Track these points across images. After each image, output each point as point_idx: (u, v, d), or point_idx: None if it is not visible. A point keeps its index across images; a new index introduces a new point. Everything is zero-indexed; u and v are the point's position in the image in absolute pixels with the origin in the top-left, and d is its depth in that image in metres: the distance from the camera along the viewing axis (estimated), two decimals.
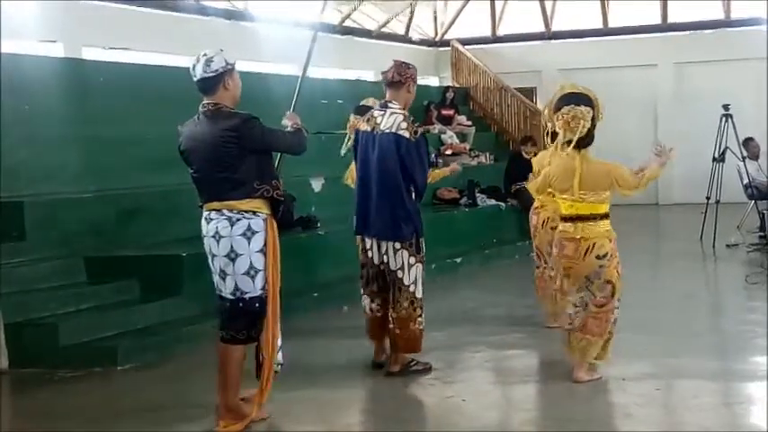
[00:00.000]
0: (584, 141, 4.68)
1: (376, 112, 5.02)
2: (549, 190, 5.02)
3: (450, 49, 15.90)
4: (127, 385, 5.16)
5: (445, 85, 15.37)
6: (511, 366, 5.43)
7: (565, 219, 4.80)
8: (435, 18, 17.02)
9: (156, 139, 8.23)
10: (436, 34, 17.15)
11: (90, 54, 10.74)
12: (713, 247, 9.78)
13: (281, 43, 12.74)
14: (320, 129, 9.08)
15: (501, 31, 16.83)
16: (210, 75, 4.14)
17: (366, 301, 5.15)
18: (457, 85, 15.34)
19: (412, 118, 5.00)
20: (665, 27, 15.77)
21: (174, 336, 5.86)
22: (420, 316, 4.94)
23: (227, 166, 4.03)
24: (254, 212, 4.07)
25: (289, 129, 4.41)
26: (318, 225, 7.94)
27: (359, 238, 5.10)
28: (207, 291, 6.34)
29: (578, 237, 4.68)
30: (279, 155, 4.44)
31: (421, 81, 6.65)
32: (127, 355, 5.46)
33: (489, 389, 5.02)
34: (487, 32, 16.79)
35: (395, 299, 4.92)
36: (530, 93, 15.78)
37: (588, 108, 4.65)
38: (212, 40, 12.18)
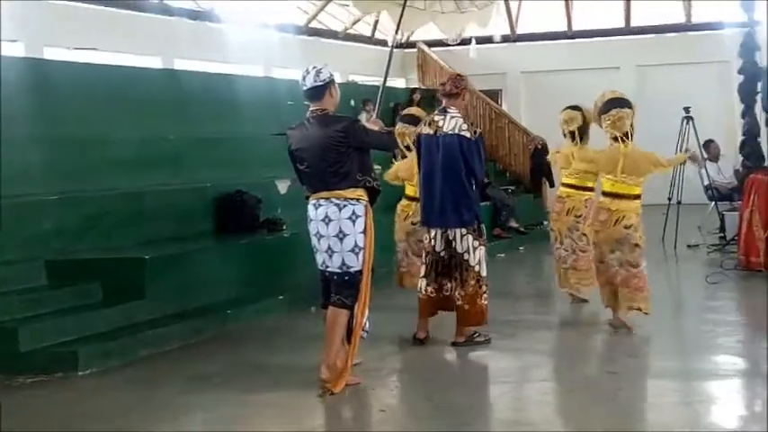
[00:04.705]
0: (626, 136, 5.87)
1: (437, 117, 5.65)
2: (573, 181, 6.85)
3: (416, 50, 15.94)
4: (89, 390, 5.08)
5: (412, 86, 15.41)
6: (485, 368, 5.46)
7: (605, 194, 5.97)
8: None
9: (120, 141, 8.16)
10: (402, 36, 17.18)
11: (52, 54, 10.58)
12: (675, 247, 9.93)
13: (248, 45, 12.71)
14: (286, 130, 9.05)
15: (466, 34, 16.90)
16: (320, 84, 4.80)
17: (423, 283, 5.71)
18: (423, 87, 15.38)
19: (471, 121, 5.84)
20: (627, 30, 15.99)
21: (138, 339, 5.79)
22: (485, 292, 5.58)
23: (334, 162, 4.72)
24: (358, 200, 4.76)
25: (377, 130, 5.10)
26: (284, 227, 7.91)
27: (424, 228, 5.74)
28: (170, 293, 6.36)
29: (613, 209, 5.86)
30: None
31: (388, 83, 6.75)
32: (88, 360, 5.37)
33: (462, 390, 5.03)
34: (452, 34, 16.86)
35: (462, 279, 5.54)
36: (495, 95, 15.90)
37: (630, 110, 5.90)
38: (178, 40, 12.18)
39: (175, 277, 6.44)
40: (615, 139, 5.90)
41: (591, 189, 6.88)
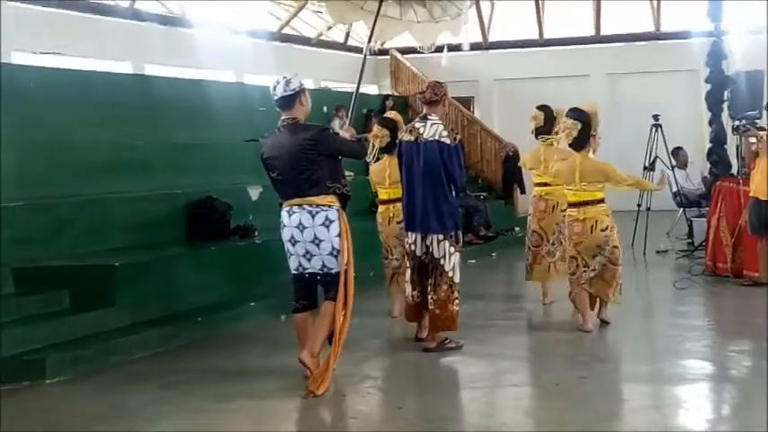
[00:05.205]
0: (577, 145, 6.09)
1: (417, 124, 5.73)
2: (547, 179, 6.89)
3: (389, 57, 15.98)
4: (58, 398, 5.02)
5: (384, 93, 15.43)
6: (458, 373, 5.47)
7: (571, 205, 6.16)
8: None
9: (88, 146, 8.07)
10: (376, 44, 17.19)
11: (20, 58, 10.44)
12: (644, 253, 10.05)
13: (219, 50, 12.65)
14: (258, 136, 9.00)
15: (438, 42, 16.97)
16: (290, 93, 4.92)
17: (408, 288, 5.81)
18: (396, 94, 15.42)
19: (451, 127, 5.78)
20: (598, 39, 16.16)
21: (107, 347, 5.72)
22: (457, 298, 5.64)
23: (305, 169, 4.84)
24: (329, 206, 4.88)
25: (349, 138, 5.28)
26: (256, 233, 7.87)
27: (405, 233, 5.85)
28: (140, 300, 6.30)
29: (583, 218, 6.04)
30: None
31: (360, 90, 6.81)
32: (56, 368, 5.30)
33: (434, 396, 5.04)
34: (427, 44, 16.92)
35: (436, 283, 5.59)
36: (467, 102, 15.98)
37: (575, 121, 6.04)
38: (148, 45, 12.09)
39: (146, 284, 6.38)
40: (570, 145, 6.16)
41: None
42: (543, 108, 7.09)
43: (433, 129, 5.62)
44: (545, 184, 7.09)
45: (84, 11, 11.36)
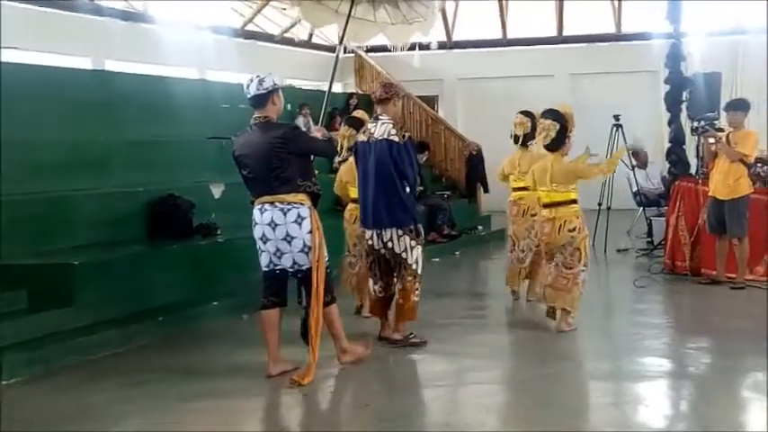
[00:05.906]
0: (552, 146, 6.13)
1: (370, 125, 5.88)
2: (522, 184, 6.89)
3: (353, 56, 15.96)
4: (15, 399, 4.92)
5: (349, 91, 15.41)
6: (421, 371, 5.48)
7: (544, 206, 6.21)
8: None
9: (48, 143, 7.94)
10: (349, 45, 17.14)
11: None
12: (604, 251, 10.19)
13: (181, 46, 12.51)
14: (221, 133, 8.94)
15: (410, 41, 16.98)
16: (262, 92, 4.98)
17: (371, 282, 5.95)
18: (360, 92, 15.41)
19: (400, 125, 5.91)
20: (560, 39, 16.33)
21: (65, 347, 5.63)
22: (418, 289, 5.81)
23: (276, 167, 4.91)
24: (300, 203, 4.95)
25: (320, 138, 5.37)
26: (218, 232, 7.81)
27: (363, 230, 6.00)
28: (101, 300, 6.22)
29: (552, 216, 6.10)
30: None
31: (326, 88, 6.81)
32: (13, 369, 5.21)
33: (397, 394, 5.05)
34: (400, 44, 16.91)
35: (401, 275, 5.78)
36: (431, 100, 16.03)
37: (553, 122, 6.07)
38: (109, 41, 11.91)
39: (106, 283, 6.30)
40: (546, 146, 6.18)
41: None
42: (528, 114, 7.04)
43: (382, 128, 5.74)
44: (520, 189, 7.12)
45: (42, 5, 11.15)
